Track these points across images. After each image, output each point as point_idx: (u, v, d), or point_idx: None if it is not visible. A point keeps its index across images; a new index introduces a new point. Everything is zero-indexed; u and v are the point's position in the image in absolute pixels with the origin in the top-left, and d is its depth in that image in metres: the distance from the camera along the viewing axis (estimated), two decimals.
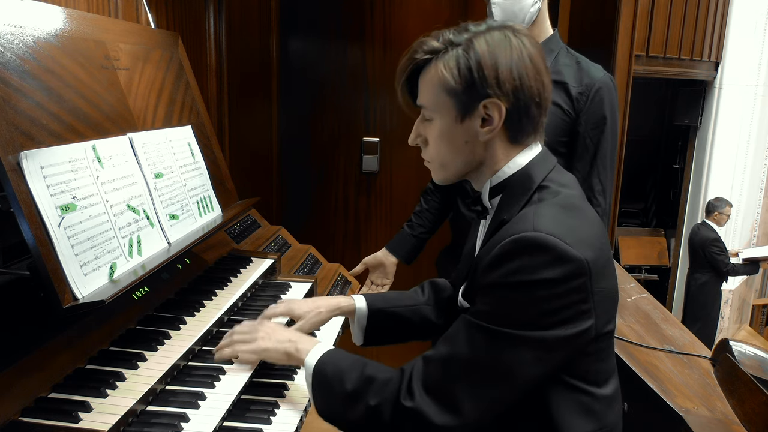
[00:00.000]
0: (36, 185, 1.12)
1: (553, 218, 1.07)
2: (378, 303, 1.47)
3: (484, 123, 1.12)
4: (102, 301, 1.13)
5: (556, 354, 1.07)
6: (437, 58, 1.13)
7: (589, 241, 1.07)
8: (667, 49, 5.03)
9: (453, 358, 1.07)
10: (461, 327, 1.09)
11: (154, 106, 1.69)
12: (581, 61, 1.98)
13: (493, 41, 1.10)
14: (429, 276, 2.56)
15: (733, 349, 1.72)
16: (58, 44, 1.34)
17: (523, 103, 1.11)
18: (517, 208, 1.12)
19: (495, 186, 1.19)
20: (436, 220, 2.26)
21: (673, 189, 7.18)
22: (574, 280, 1.03)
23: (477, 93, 1.10)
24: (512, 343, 1.04)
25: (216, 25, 2.43)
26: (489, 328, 1.05)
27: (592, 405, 1.14)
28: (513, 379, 1.06)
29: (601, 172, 1.96)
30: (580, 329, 1.06)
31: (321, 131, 3.33)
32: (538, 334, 1.03)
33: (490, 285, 1.07)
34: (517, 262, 1.03)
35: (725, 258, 5.64)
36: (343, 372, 1.15)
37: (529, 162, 1.17)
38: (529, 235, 1.04)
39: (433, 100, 1.15)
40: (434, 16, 3.12)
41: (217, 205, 1.86)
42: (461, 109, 1.12)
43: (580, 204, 1.16)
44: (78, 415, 1.05)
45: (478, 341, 1.06)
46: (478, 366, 1.06)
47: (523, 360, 1.04)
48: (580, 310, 1.06)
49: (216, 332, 1.52)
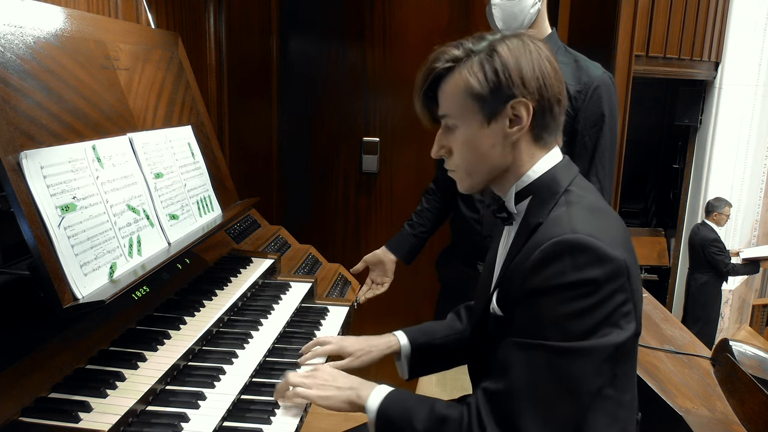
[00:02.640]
0: (36, 185, 1.12)
1: (586, 220, 1.07)
2: (420, 339, 1.50)
3: (512, 123, 1.13)
4: (102, 301, 1.13)
5: (613, 363, 1.04)
6: (459, 65, 1.14)
7: (621, 242, 1.07)
8: (667, 49, 5.03)
9: (516, 386, 1.03)
10: (513, 351, 1.05)
11: (154, 106, 1.69)
12: (579, 59, 1.98)
13: (513, 46, 1.12)
14: (429, 275, 2.57)
15: (733, 349, 1.72)
16: (58, 44, 1.34)
17: (547, 102, 1.13)
18: (546, 211, 1.12)
19: (520, 191, 1.18)
20: (436, 220, 2.26)
21: (673, 189, 7.17)
22: (616, 281, 1.02)
23: (504, 95, 1.11)
24: (570, 356, 1.01)
25: (216, 25, 2.43)
26: (543, 345, 1.02)
27: (617, 411, 1.11)
28: (578, 396, 1.02)
29: (599, 170, 1.95)
30: (629, 333, 1.05)
31: (321, 131, 3.33)
32: (594, 343, 1.01)
33: (534, 291, 1.04)
34: (559, 264, 1.02)
35: (725, 258, 5.64)
36: (410, 412, 1.12)
37: (553, 167, 1.17)
38: (569, 237, 1.03)
39: (458, 106, 1.15)
40: (434, 15, 3.12)
41: (217, 205, 1.86)
42: (488, 113, 1.13)
43: (606, 208, 1.17)
44: (78, 415, 1.05)
45: (534, 362, 1.02)
46: (540, 389, 1.02)
47: (586, 374, 1.02)
48: (625, 312, 1.04)
49: (216, 332, 1.52)
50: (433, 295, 2.42)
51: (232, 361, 1.39)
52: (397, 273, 2.26)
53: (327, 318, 1.80)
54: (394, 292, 2.30)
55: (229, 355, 1.40)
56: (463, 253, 2.16)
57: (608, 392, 1.09)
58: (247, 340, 1.49)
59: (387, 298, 2.32)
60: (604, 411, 1.09)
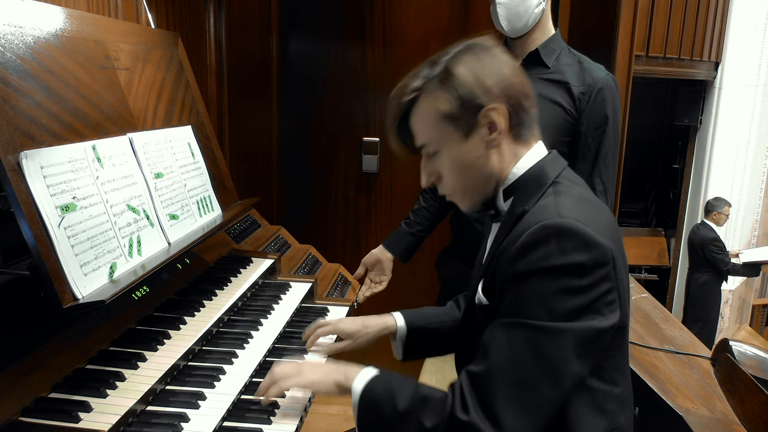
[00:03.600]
0: (36, 185, 1.12)
1: (574, 207, 1.09)
2: (417, 321, 1.52)
3: (490, 130, 1.15)
4: (102, 301, 1.13)
5: (593, 350, 1.05)
6: (422, 94, 1.17)
7: (607, 231, 1.08)
8: (667, 49, 5.03)
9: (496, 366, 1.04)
10: (497, 331, 1.06)
11: (154, 106, 1.69)
12: (583, 60, 1.98)
13: (467, 60, 1.15)
14: (429, 275, 2.57)
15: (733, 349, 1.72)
16: (58, 44, 1.34)
17: (515, 100, 1.15)
18: (533, 201, 1.13)
19: (508, 187, 1.20)
20: (434, 218, 2.26)
21: (673, 189, 7.17)
22: (602, 268, 1.03)
23: (473, 107, 1.13)
24: (552, 336, 1.01)
25: (216, 24, 2.43)
26: (525, 323, 1.03)
27: (605, 404, 1.13)
28: (557, 378, 1.03)
29: (602, 171, 1.95)
30: (611, 322, 1.06)
31: (321, 131, 3.33)
32: (576, 326, 1.02)
33: (520, 274, 1.05)
34: (545, 247, 1.03)
35: (725, 257, 5.64)
36: (393, 392, 1.11)
37: (540, 160, 1.19)
38: (556, 221, 1.05)
39: (434, 132, 1.18)
40: (434, 15, 3.12)
41: (217, 205, 1.86)
42: (464, 129, 1.15)
43: (595, 199, 1.19)
44: (78, 415, 1.05)
45: (515, 340, 1.03)
46: (519, 367, 1.03)
47: (566, 355, 1.02)
48: (609, 301, 1.05)
49: (216, 332, 1.52)
50: (433, 295, 2.42)
51: (232, 361, 1.39)
52: (397, 273, 2.26)
53: (327, 318, 1.80)
54: (394, 292, 2.30)
55: (229, 355, 1.40)
56: (464, 252, 2.16)
57: (593, 383, 1.11)
58: (247, 340, 1.49)
59: (387, 298, 2.31)
60: (590, 402, 1.11)
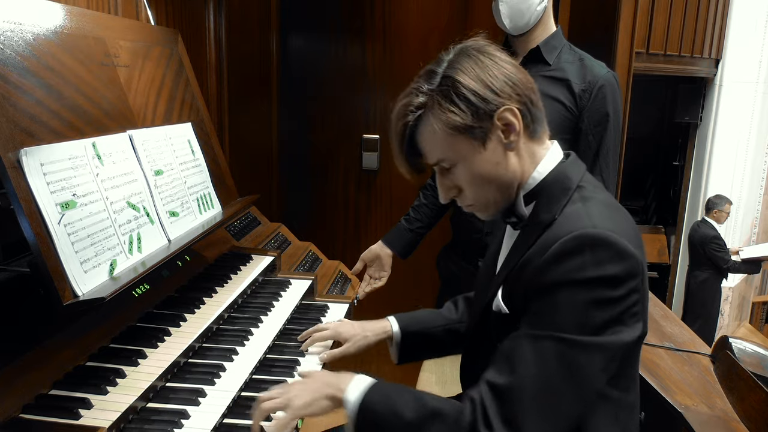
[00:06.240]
0: (36, 182, 1.12)
1: (605, 216, 1.06)
2: (411, 326, 1.51)
3: (506, 133, 1.11)
4: (102, 298, 1.13)
5: (616, 362, 1.03)
6: (428, 110, 1.11)
7: (636, 240, 1.06)
8: (668, 46, 5.01)
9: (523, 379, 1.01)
10: (522, 342, 1.03)
11: (154, 103, 1.69)
12: (584, 58, 1.98)
13: (466, 65, 1.10)
14: (428, 273, 2.57)
15: (732, 346, 1.72)
16: (58, 41, 1.34)
17: (526, 96, 1.12)
18: (559, 207, 1.10)
19: (529, 192, 1.16)
20: (433, 215, 2.25)
21: (673, 186, 7.17)
22: (633, 280, 1.02)
23: (486, 112, 1.09)
24: (583, 350, 0.99)
25: (216, 22, 2.43)
26: (555, 336, 1.00)
27: (619, 412, 1.11)
28: (584, 393, 1.01)
29: (603, 169, 1.95)
30: (636, 333, 1.04)
31: (321, 128, 3.32)
32: (606, 340, 1.00)
33: (552, 284, 1.02)
34: (579, 258, 1.01)
35: (725, 255, 5.63)
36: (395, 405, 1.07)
37: (560, 163, 1.16)
38: (590, 231, 1.02)
39: (448, 148, 1.12)
40: (434, 13, 3.11)
41: (217, 202, 1.86)
42: (480, 137, 1.10)
43: (617, 204, 1.16)
44: (78, 412, 1.05)
45: (544, 354, 1.00)
46: (548, 382, 1.00)
47: (595, 370, 1.00)
48: (635, 312, 1.04)
49: (216, 329, 1.52)
50: (433, 292, 2.42)
51: (232, 358, 1.39)
52: (397, 270, 2.26)
53: (327, 315, 1.81)
54: (395, 289, 2.30)
55: (229, 353, 1.40)
56: (464, 249, 2.16)
57: (610, 393, 1.08)
58: (248, 338, 1.49)
59: (387, 295, 2.31)
60: (606, 412, 1.09)
